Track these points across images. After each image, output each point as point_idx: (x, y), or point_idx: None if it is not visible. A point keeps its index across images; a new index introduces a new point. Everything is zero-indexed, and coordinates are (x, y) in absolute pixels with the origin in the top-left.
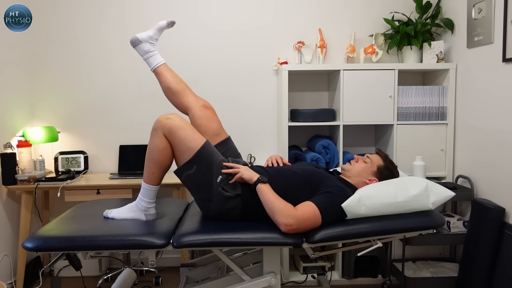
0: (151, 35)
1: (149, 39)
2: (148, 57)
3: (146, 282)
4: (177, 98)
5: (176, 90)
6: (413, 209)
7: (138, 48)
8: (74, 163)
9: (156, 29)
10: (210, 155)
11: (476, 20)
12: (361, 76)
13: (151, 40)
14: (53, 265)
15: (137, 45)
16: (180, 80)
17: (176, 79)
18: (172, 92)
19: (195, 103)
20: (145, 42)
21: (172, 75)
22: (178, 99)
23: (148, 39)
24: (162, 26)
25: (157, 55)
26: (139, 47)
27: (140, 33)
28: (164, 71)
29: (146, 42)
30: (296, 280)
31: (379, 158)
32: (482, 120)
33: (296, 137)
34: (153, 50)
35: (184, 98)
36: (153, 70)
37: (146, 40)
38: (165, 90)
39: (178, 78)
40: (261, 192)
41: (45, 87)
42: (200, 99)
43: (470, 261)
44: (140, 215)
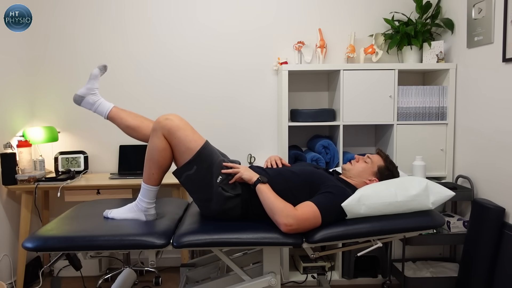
0: (90, 87)
1: (89, 91)
2: (96, 108)
3: (146, 282)
4: (138, 132)
5: (135, 126)
6: (413, 209)
7: (84, 104)
8: (74, 163)
9: (92, 79)
10: (210, 156)
11: (476, 20)
12: (361, 76)
13: (91, 92)
14: (53, 265)
15: (82, 101)
16: (135, 115)
17: (131, 116)
18: (132, 128)
19: None
20: (87, 96)
21: (126, 114)
22: (141, 133)
23: (89, 91)
24: (96, 74)
25: (103, 102)
26: (84, 102)
27: (79, 90)
28: (117, 113)
29: (88, 95)
30: (296, 280)
31: (380, 159)
32: (482, 120)
33: (296, 137)
34: (98, 100)
35: (145, 130)
36: (106, 117)
37: (87, 93)
38: (125, 129)
39: (133, 114)
40: (261, 192)
41: (45, 87)
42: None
43: (470, 261)
44: (140, 216)
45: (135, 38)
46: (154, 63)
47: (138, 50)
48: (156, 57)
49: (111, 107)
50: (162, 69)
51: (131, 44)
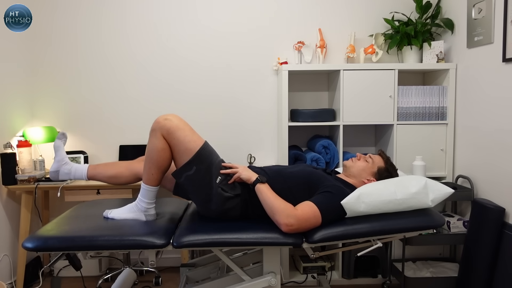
0: (59, 159)
1: (60, 163)
2: (74, 175)
3: (146, 282)
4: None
5: (115, 174)
6: (413, 207)
7: (61, 177)
8: None
9: (57, 151)
10: (209, 156)
11: (476, 20)
12: (361, 76)
13: (62, 163)
14: (53, 265)
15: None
16: (111, 164)
17: (108, 167)
18: (114, 177)
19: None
20: (60, 168)
21: (103, 168)
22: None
23: (60, 163)
24: (58, 146)
25: (78, 167)
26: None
27: (51, 167)
28: (95, 171)
29: (60, 167)
30: (296, 280)
31: (381, 160)
32: (482, 120)
33: (296, 137)
34: (71, 167)
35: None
36: (86, 179)
37: (60, 166)
38: (108, 181)
39: (108, 165)
40: (260, 192)
41: (45, 87)
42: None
43: (470, 261)
44: (140, 216)
45: (135, 38)
46: (154, 63)
47: (138, 50)
48: (156, 57)
49: (86, 168)
50: (162, 69)
51: (132, 44)
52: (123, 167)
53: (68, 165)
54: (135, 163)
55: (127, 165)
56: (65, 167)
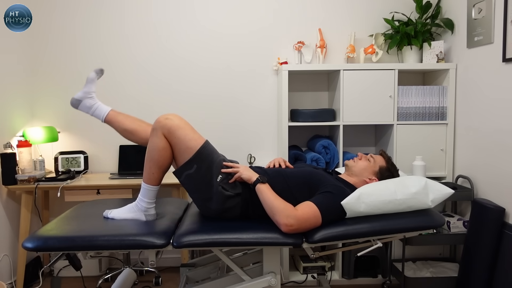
0: (87, 90)
1: (86, 94)
2: (93, 111)
3: (146, 282)
4: (136, 136)
5: (132, 129)
6: (413, 207)
7: (81, 108)
8: (74, 163)
9: (89, 83)
10: (210, 155)
11: (476, 20)
12: (361, 76)
13: (88, 95)
14: (53, 265)
15: (79, 105)
16: (133, 119)
17: (129, 119)
18: (130, 132)
19: None
20: (84, 100)
21: (124, 117)
22: (138, 136)
23: (86, 95)
24: (92, 78)
25: (100, 106)
26: (81, 106)
27: (76, 94)
28: (114, 117)
29: (85, 99)
30: (296, 280)
31: (382, 159)
32: (482, 120)
33: (296, 137)
34: (95, 103)
35: (143, 133)
36: (103, 120)
37: (85, 97)
38: (123, 133)
39: (130, 118)
40: (261, 192)
41: (45, 87)
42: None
43: (470, 261)
44: (140, 215)
45: (135, 38)
46: (154, 64)
47: (138, 50)
48: (156, 57)
49: (108, 110)
50: (162, 69)
51: (131, 45)
52: (141, 127)
53: (93, 100)
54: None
55: (146, 126)
56: (89, 100)
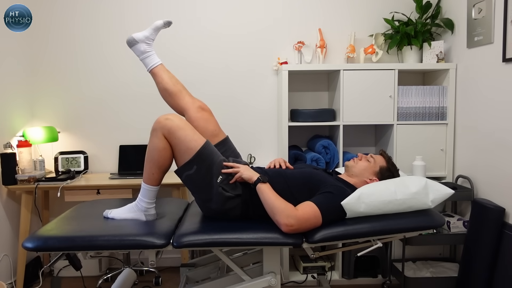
0: (147, 35)
1: (146, 39)
2: (144, 57)
3: (146, 282)
4: (173, 99)
5: (172, 91)
6: (413, 207)
7: (134, 48)
8: (74, 163)
9: (153, 29)
10: (210, 155)
11: (476, 20)
12: (361, 76)
13: (147, 41)
14: (53, 265)
15: (134, 45)
16: (176, 81)
17: (173, 80)
18: (169, 93)
19: (192, 104)
20: (141, 43)
21: (169, 76)
22: (174, 101)
23: (145, 39)
24: (158, 26)
25: (153, 55)
26: (135, 47)
27: (136, 33)
28: (161, 72)
29: (142, 42)
30: (296, 280)
31: (383, 159)
32: (482, 120)
33: (296, 137)
34: (149, 51)
35: (180, 100)
36: (149, 70)
37: (143, 40)
38: (162, 91)
39: (174, 79)
40: (261, 192)
41: (45, 87)
42: (197, 101)
43: (470, 261)
44: (140, 216)
45: None
46: None
47: None
48: None
49: (159, 63)
50: None
51: None
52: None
53: (149, 47)
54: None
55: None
56: (145, 46)
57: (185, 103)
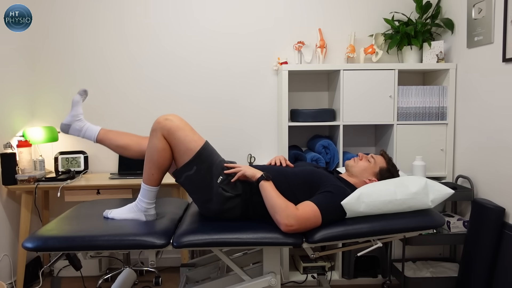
0: (74, 114)
1: (74, 118)
2: (84, 133)
3: (146, 282)
4: (129, 150)
5: (125, 144)
6: (413, 207)
7: (71, 132)
8: (74, 163)
9: (74, 106)
10: (210, 156)
11: (476, 20)
12: (361, 76)
13: (76, 118)
14: (53, 265)
15: (68, 129)
16: (123, 134)
17: (120, 135)
18: (122, 147)
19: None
20: (73, 123)
21: (114, 134)
22: (131, 151)
23: (74, 118)
24: (77, 100)
25: (90, 127)
26: (71, 130)
27: (64, 119)
28: (105, 136)
29: (73, 122)
30: (296, 280)
31: (383, 160)
32: (482, 120)
33: (296, 137)
34: (84, 125)
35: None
36: (95, 141)
37: (73, 121)
38: (116, 149)
39: (121, 133)
40: (264, 190)
41: (45, 87)
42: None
43: (470, 261)
44: (140, 216)
45: (134, 39)
46: (153, 64)
47: (137, 51)
48: (155, 58)
49: (98, 130)
50: (161, 70)
51: (131, 46)
52: (133, 141)
53: (81, 122)
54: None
55: (138, 140)
56: (78, 123)
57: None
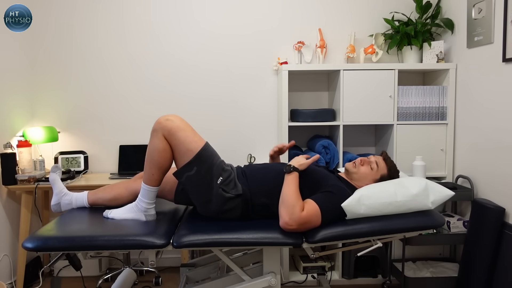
0: (57, 191)
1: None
2: (75, 204)
3: (146, 282)
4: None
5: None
6: (413, 209)
7: (63, 208)
8: (74, 163)
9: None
10: (210, 157)
11: (476, 20)
12: (361, 76)
13: (61, 194)
14: (53, 265)
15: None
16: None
17: (107, 190)
18: (115, 200)
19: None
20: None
21: (102, 192)
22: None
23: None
24: (54, 178)
25: (77, 196)
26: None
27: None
28: (94, 196)
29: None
30: (296, 280)
31: (385, 167)
32: (482, 120)
33: (296, 137)
34: (71, 197)
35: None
36: (88, 206)
37: (59, 198)
38: (110, 203)
39: (107, 188)
40: (286, 179)
41: (45, 87)
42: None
43: (470, 261)
44: (140, 216)
45: (134, 40)
46: (153, 65)
47: (137, 52)
48: (155, 59)
49: (86, 195)
50: (160, 71)
51: (130, 46)
52: (122, 187)
53: (68, 196)
54: (133, 182)
55: (126, 185)
56: (65, 198)
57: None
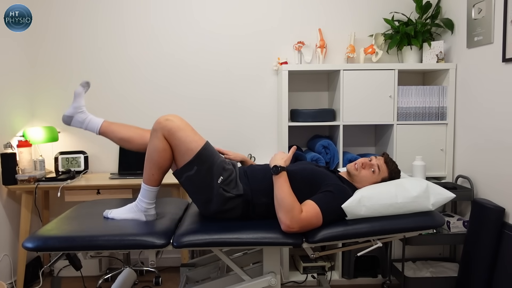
0: (76, 105)
1: (77, 110)
2: (86, 125)
3: (146, 282)
4: (132, 143)
5: (128, 137)
6: (413, 210)
7: (73, 124)
8: (74, 163)
9: (77, 98)
10: (210, 156)
11: (476, 20)
12: (361, 76)
13: (79, 110)
14: (53, 265)
15: (71, 121)
16: (127, 126)
17: (123, 128)
18: (126, 140)
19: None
20: (75, 115)
21: (118, 126)
22: (134, 144)
23: (76, 110)
24: (79, 92)
25: (93, 119)
26: (73, 122)
27: (66, 111)
28: (109, 127)
29: (76, 114)
30: (296, 280)
31: (386, 170)
32: (482, 120)
33: (296, 137)
34: (86, 117)
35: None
36: (98, 133)
37: (75, 112)
38: (119, 142)
39: (124, 126)
40: (276, 182)
41: (45, 87)
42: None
43: (470, 261)
44: (140, 216)
45: (134, 40)
46: (153, 65)
47: (137, 52)
48: (155, 59)
49: (102, 121)
50: (161, 71)
51: (130, 46)
52: (137, 133)
53: (84, 114)
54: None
55: (142, 132)
56: (80, 115)
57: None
